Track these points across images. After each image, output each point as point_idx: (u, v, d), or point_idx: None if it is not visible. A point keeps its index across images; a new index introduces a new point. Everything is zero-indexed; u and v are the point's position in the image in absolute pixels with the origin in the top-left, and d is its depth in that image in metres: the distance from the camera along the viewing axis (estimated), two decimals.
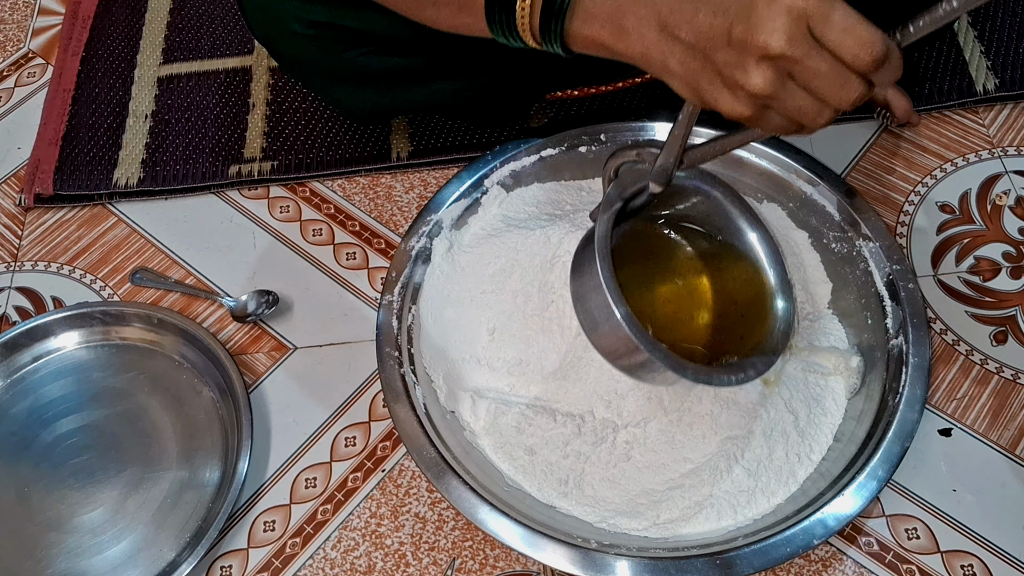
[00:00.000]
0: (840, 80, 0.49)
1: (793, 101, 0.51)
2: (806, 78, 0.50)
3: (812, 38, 0.48)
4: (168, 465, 0.78)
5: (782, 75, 0.50)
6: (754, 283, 0.67)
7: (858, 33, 0.48)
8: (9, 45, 1.10)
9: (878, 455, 0.68)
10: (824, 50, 0.49)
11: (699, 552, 0.65)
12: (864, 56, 0.48)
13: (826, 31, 0.48)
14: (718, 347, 0.65)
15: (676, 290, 0.68)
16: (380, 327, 0.76)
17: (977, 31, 0.98)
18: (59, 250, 0.93)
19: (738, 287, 0.68)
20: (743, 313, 0.67)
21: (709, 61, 0.52)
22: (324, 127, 0.98)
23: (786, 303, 0.65)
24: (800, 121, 0.52)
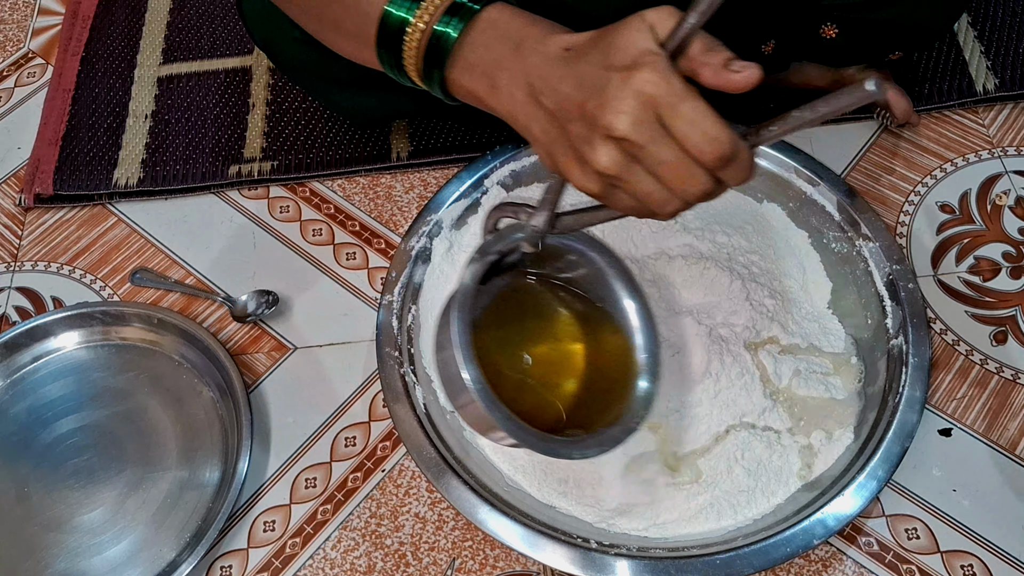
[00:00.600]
0: (685, 172, 0.48)
1: (640, 185, 0.49)
2: (651, 165, 0.48)
3: (661, 126, 0.47)
4: (168, 465, 0.78)
5: (628, 157, 0.49)
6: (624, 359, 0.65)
7: (705, 128, 0.47)
8: (9, 45, 1.10)
9: (878, 455, 0.68)
10: (672, 140, 0.47)
11: (699, 552, 0.65)
12: (709, 152, 0.47)
13: (674, 121, 0.47)
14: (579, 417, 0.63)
15: (549, 353, 0.66)
16: (380, 327, 0.76)
17: (977, 31, 0.98)
18: (59, 250, 0.93)
19: (609, 361, 0.66)
20: (608, 388, 0.65)
21: (564, 132, 0.51)
22: (324, 127, 0.98)
23: (649, 385, 0.63)
24: (648, 206, 0.51)
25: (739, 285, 0.76)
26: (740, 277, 0.78)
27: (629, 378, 0.63)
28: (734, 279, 0.77)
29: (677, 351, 0.74)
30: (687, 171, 0.48)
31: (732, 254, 0.79)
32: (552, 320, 0.67)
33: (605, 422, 0.62)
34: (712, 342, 0.74)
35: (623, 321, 0.65)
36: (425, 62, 0.58)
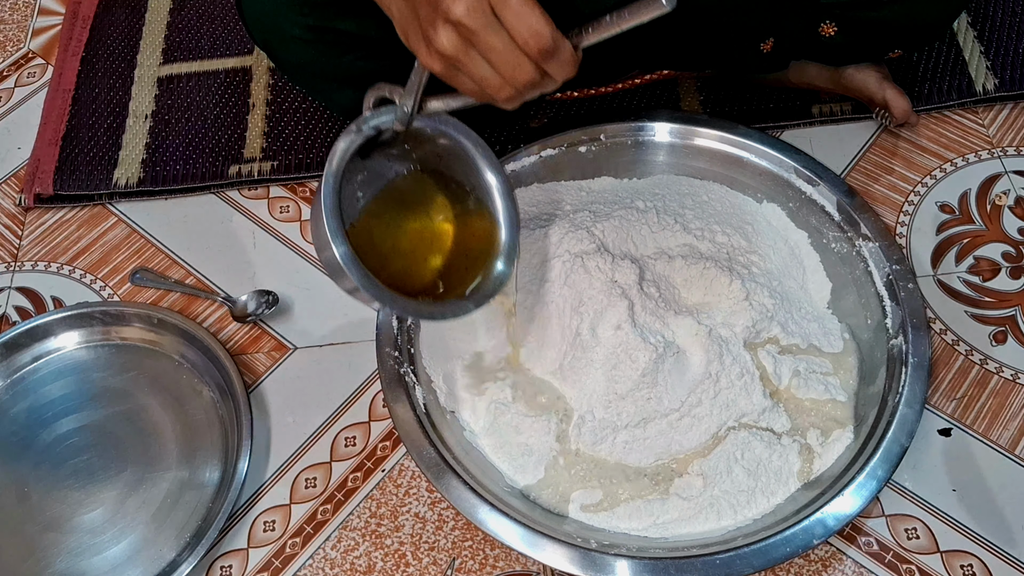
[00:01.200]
0: (513, 60, 0.54)
1: (476, 69, 0.55)
2: (483, 50, 0.54)
3: (494, 16, 0.52)
4: (168, 465, 0.78)
5: (464, 42, 0.54)
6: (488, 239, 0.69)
7: (529, 21, 0.52)
8: (9, 45, 1.10)
9: (878, 455, 0.68)
10: (503, 30, 0.53)
11: (699, 552, 0.65)
12: (533, 44, 0.52)
13: (503, 12, 0.52)
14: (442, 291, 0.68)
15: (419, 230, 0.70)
16: (380, 327, 0.76)
17: (977, 31, 0.98)
18: (59, 250, 0.93)
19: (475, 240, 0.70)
20: (468, 266, 0.69)
21: (415, 13, 0.55)
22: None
23: (505, 267, 0.68)
24: (485, 90, 0.56)
25: (739, 285, 0.76)
26: (740, 277, 0.78)
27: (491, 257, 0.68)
28: (734, 279, 0.77)
29: (677, 351, 0.74)
30: (515, 60, 0.54)
31: (732, 254, 0.79)
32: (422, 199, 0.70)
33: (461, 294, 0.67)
34: (712, 342, 0.74)
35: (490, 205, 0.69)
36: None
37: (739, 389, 0.72)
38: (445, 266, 0.69)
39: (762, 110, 0.94)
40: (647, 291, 0.75)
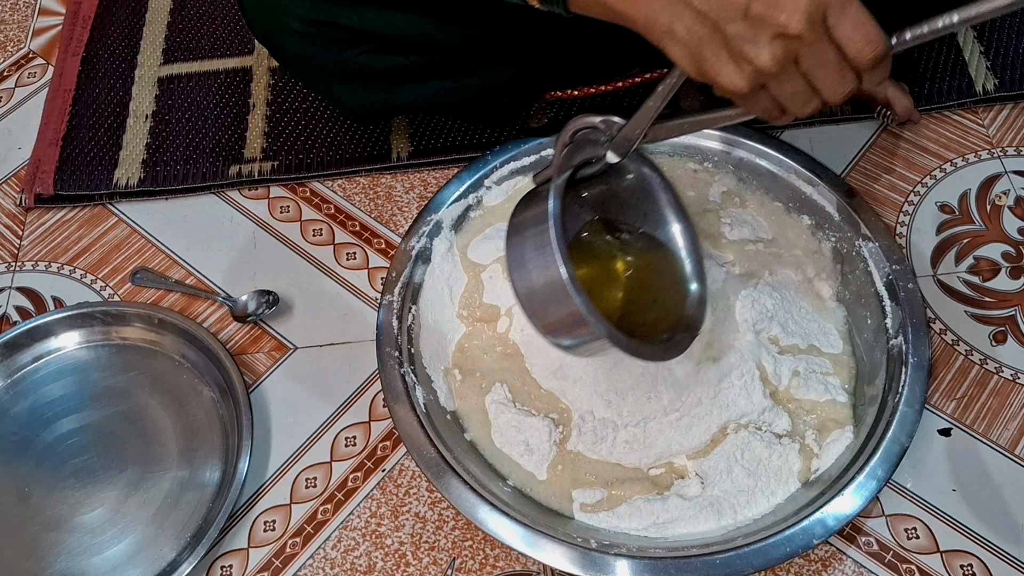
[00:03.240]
0: (839, 72, 0.51)
1: (790, 85, 0.53)
2: (809, 65, 0.51)
3: (824, 27, 0.50)
4: (168, 465, 0.78)
5: (790, 57, 0.51)
6: (669, 270, 0.68)
7: (867, 30, 0.50)
8: (10, 45, 1.10)
9: (878, 455, 0.68)
10: (832, 40, 0.50)
11: (699, 552, 0.65)
12: (867, 54, 0.50)
13: (840, 22, 0.50)
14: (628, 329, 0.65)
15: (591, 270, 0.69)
16: (380, 327, 0.76)
17: (977, 31, 0.98)
18: (59, 250, 0.93)
19: (651, 274, 0.69)
20: (655, 299, 0.68)
21: (719, 31, 0.52)
22: (324, 127, 0.98)
23: (699, 286, 0.67)
24: (787, 107, 0.54)
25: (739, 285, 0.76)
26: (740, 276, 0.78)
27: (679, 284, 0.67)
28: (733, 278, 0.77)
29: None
30: (841, 72, 0.51)
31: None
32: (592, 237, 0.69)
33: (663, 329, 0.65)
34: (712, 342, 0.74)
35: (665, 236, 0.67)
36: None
37: (739, 389, 0.72)
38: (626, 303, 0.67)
39: None
40: None
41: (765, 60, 0.51)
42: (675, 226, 0.68)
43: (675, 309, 0.67)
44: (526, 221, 0.60)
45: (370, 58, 0.82)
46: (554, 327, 0.60)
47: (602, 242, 0.69)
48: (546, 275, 0.57)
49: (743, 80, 0.53)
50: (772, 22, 0.50)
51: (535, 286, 0.59)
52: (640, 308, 0.67)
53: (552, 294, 0.58)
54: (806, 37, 0.50)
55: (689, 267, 0.68)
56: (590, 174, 0.65)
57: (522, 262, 0.59)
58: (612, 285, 0.68)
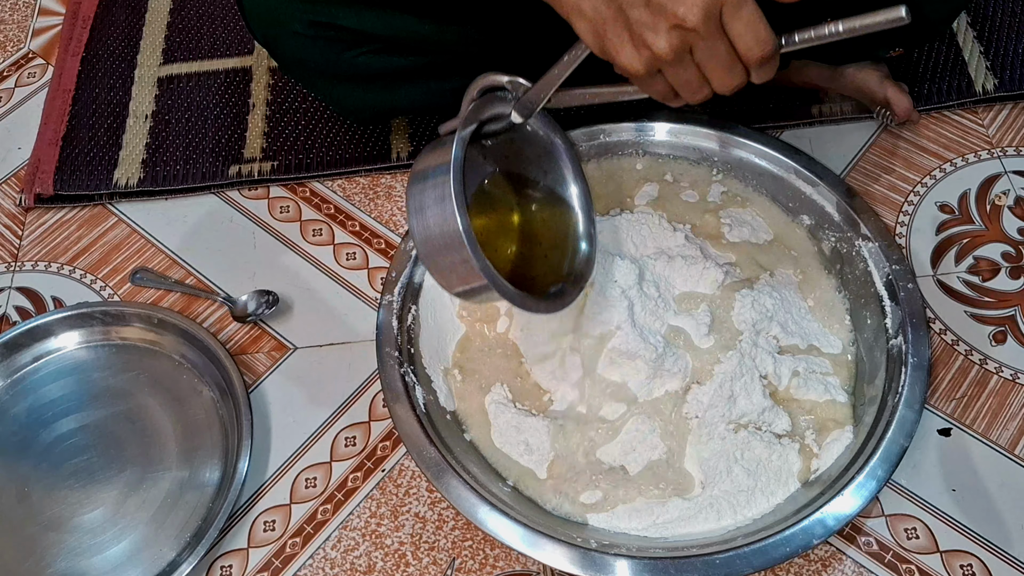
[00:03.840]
0: (729, 66, 0.55)
1: (684, 73, 0.56)
2: (702, 56, 0.55)
3: (719, 23, 0.53)
4: (168, 465, 0.78)
5: (685, 47, 0.54)
6: (561, 227, 0.71)
7: (758, 30, 0.53)
8: (9, 45, 1.10)
9: (877, 455, 0.68)
10: (725, 37, 0.54)
11: (699, 552, 0.65)
12: (756, 52, 0.54)
13: (734, 21, 0.53)
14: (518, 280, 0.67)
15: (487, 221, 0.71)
16: (380, 327, 0.76)
17: (976, 31, 0.98)
18: (59, 250, 0.93)
19: (544, 229, 0.71)
20: (546, 254, 0.71)
21: (623, 15, 0.55)
22: (324, 127, 0.98)
23: (588, 247, 0.70)
24: (680, 93, 0.58)
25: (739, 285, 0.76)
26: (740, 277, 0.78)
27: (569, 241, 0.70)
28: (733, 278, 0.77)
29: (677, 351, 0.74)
30: (731, 66, 0.55)
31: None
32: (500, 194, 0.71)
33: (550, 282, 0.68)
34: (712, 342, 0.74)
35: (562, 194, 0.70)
36: None
37: (739, 389, 0.72)
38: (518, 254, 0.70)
39: (762, 110, 0.94)
40: (647, 291, 0.75)
41: (662, 47, 0.54)
42: (572, 188, 0.71)
43: (563, 264, 0.70)
44: (428, 169, 0.62)
45: (369, 59, 0.82)
46: (446, 273, 0.62)
47: (500, 195, 0.71)
48: (443, 223, 0.60)
49: (640, 63, 0.56)
50: (671, 13, 0.53)
51: (432, 232, 0.61)
52: (531, 260, 0.70)
53: (447, 241, 0.60)
54: (701, 31, 0.53)
55: (582, 227, 0.71)
56: (494, 130, 0.67)
57: (421, 208, 0.61)
58: (506, 237, 0.71)
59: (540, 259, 0.70)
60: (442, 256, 0.61)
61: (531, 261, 0.70)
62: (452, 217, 0.59)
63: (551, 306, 0.66)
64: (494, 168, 0.70)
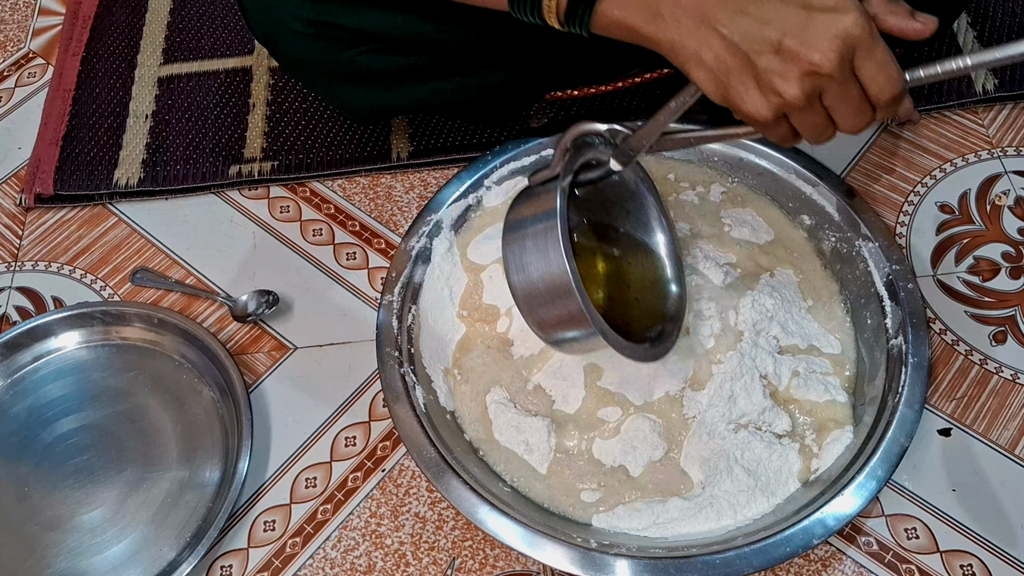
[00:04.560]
0: (860, 108, 0.54)
1: (812, 116, 0.55)
2: (833, 100, 0.54)
3: (851, 66, 0.52)
4: (168, 465, 0.78)
5: (816, 92, 0.53)
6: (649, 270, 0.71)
7: (890, 72, 0.52)
8: (10, 45, 1.10)
9: (878, 455, 0.68)
10: (856, 79, 0.53)
11: (699, 552, 0.65)
12: (888, 93, 0.53)
13: (866, 63, 0.52)
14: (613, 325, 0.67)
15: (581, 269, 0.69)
16: (380, 327, 0.76)
17: (977, 31, 0.98)
18: (59, 250, 0.93)
19: (633, 274, 0.71)
20: (637, 296, 0.70)
21: (749, 63, 0.53)
22: (324, 127, 0.98)
23: (679, 288, 0.70)
24: (804, 135, 0.56)
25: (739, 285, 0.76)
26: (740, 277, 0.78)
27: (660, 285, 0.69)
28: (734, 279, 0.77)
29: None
30: (862, 108, 0.54)
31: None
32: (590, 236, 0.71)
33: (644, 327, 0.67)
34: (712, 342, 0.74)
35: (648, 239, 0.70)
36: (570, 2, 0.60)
37: (739, 389, 0.72)
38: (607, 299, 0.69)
39: None
40: None
41: (793, 94, 0.53)
42: (658, 231, 0.71)
43: (655, 308, 0.69)
44: (527, 219, 0.61)
45: (370, 58, 0.82)
46: (551, 325, 0.61)
47: (589, 242, 0.71)
48: (549, 274, 0.59)
49: (768, 110, 0.54)
50: (804, 60, 0.52)
51: (536, 286, 0.60)
52: (621, 305, 0.69)
53: (554, 295, 0.59)
54: (836, 76, 0.52)
55: (670, 270, 0.71)
56: (587, 178, 0.66)
57: (522, 259, 0.60)
58: (595, 282, 0.70)
59: (631, 303, 0.70)
60: (546, 308, 0.60)
61: (622, 306, 0.69)
62: (561, 271, 0.58)
63: (655, 352, 0.65)
64: (581, 215, 0.70)
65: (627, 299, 0.70)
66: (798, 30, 0.52)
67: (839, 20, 0.51)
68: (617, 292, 0.70)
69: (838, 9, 0.51)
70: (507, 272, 0.61)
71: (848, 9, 0.51)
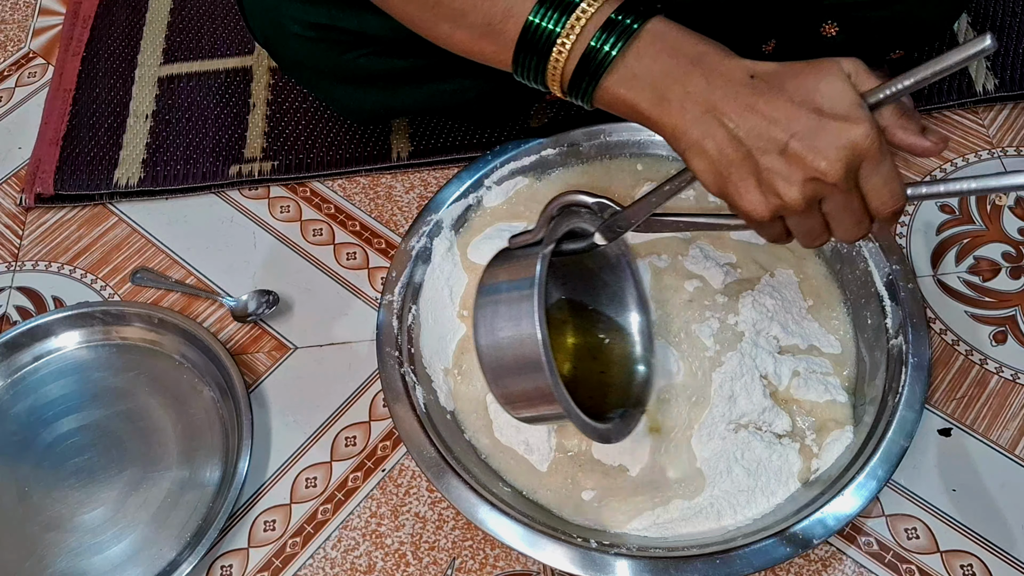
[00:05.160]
0: (859, 220, 0.53)
1: (809, 221, 0.54)
2: (832, 208, 0.53)
3: (856, 177, 0.51)
4: (168, 465, 0.78)
5: (817, 198, 0.52)
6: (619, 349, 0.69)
7: (894, 187, 0.52)
8: (10, 45, 1.10)
9: (878, 455, 0.68)
10: (859, 190, 0.52)
11: (699, 552, 0.65)
12: (889, 207, 0.52)
13: (872, 176, 0.51)
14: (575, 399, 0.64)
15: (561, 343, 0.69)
16: (380, 327, 0.76)
17: (977, 31, 0.98)
18: (60, 250, 0.93)
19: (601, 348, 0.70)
20: (603, 371, 0.69)
21: (752, 160, 0.52)
22: (324, 127, 0.98)
23: (647, 370, 0.69)
24: (798, 238, 0.55)
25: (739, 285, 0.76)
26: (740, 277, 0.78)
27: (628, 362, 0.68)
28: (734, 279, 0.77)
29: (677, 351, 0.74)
30: (861, 219, 0.53)
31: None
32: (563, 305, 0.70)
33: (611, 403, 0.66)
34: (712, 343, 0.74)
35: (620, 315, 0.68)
36: (577, 70, 0.57)
37: (739, 389, 0.72)
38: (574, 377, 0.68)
39: None
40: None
41: (794, 198, 0.52)
42: (634, 309, 0.70)
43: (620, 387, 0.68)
44: (503, 283, 0.59)
45: (370, 60, 0.82)
46: (514, 395, 0.59)
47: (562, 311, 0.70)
48: (520, 346, 0.57)
49: (766, 210, 0.53)
50: (811, 165, 0.50)
51: (505, 354, 0.58)
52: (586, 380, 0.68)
53: (522, 364, 0.57)
54: (840, 186, 0.51)
55: (640, 350, 0.69)
56: (570, 248, 0.65)
57: (494, 324, 0.58)
58: (563, 353, 0.69)
59: (597, 379, 0.68)
60: (513, 378, 0.58)
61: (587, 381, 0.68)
62: (533, 343, 0.56)
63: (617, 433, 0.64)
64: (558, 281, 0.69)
65: (593, 374, 0.69)
66: (807, 135, 0.50)
67: (850, 130, 0.50)
68: (584, 366, 0.69)
69: (850, 119, 0.50)
70: (475, 334, 0.59)
71: (860, 120, 0.50)
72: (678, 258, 0.78)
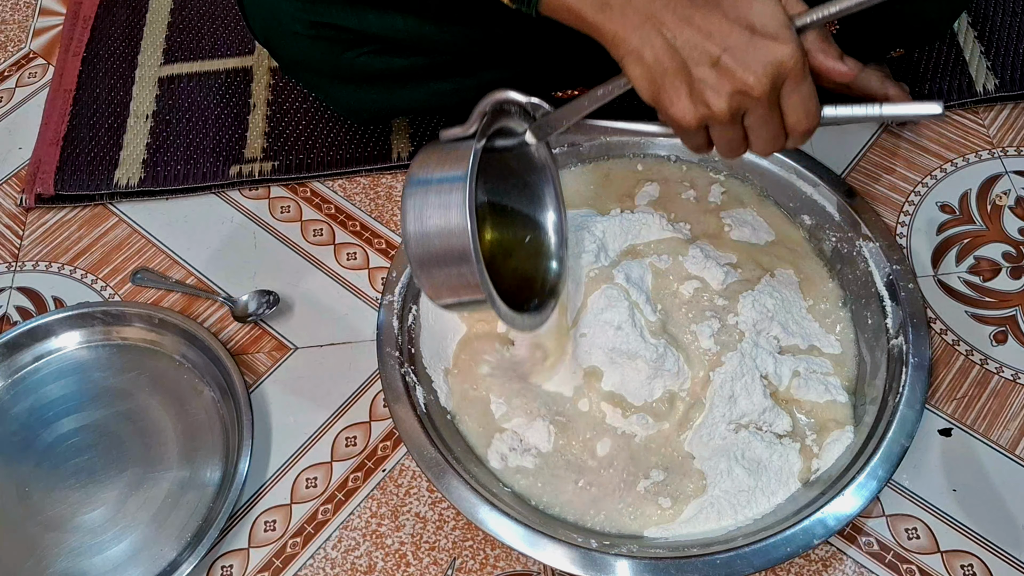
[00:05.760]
0: (775, 134, 0.56)
1: (731, 132, 0.57)
2: (753, 121, 0.56)
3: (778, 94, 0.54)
4: (169, 465, 0.78)
5: (742, 110, 0.55)
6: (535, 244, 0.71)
7: (810, 106, 0.55)
8: (10, 45, 1.10)
9: (878, 455, 0.68)
10: (778, 107, 0.55)
11: (699, 552, 0.65)
12: (803, 125, 0.55)
13: (792, 94, 0.54)
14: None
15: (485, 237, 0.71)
16: (381, 327, 0.76)
17: (977, 31, 0.98)
18: (60, 250, 0.93)
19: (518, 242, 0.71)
20: (516, 266, 0.70)
21: (685, 70, 0.55)
22: (325, 127, 0.98)
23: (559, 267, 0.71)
24: (719, 148, 0.58)
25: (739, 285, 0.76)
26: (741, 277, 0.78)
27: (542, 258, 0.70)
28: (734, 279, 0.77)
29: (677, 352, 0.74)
30: (777, 134, 0.56)
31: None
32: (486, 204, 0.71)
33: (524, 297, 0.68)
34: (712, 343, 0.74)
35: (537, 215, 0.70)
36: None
37: (739, 389, 0.72)
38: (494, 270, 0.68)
39: None
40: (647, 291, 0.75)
41: (720, 108, 0.54)
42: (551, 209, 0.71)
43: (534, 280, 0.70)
44: (433, 176, 0.60)
45: (370, 60, 0.82)
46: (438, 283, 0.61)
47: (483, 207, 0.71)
48: (449, 235, 0.58)
49: (694, 118, 0.56)
50: (739, 79, 0.53)
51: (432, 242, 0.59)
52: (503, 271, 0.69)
53: (450, 254, 0.59)
54: (763, 100, 0.54)
55: (554, 246, 0.71)
56: (499, 145, 0.66)
57: (423, 212, 0.59)
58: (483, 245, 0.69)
59: (512, 271, 0.70)
60: (439, 267, 0.60)
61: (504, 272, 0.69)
62: (462, 232, 0.58)
63: (532, 323, 0.66)
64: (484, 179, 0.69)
65: (509, 267, 0.70)
66: (738, 49, 0.53)
67: (778, 49, 0.53)
68: (501, 258, 0.70)
69: (779, 38, 0.53)
70: (403, 221, 0.60)
71: (788, 40, 0.53)
72: (678, 258, 0.78)
